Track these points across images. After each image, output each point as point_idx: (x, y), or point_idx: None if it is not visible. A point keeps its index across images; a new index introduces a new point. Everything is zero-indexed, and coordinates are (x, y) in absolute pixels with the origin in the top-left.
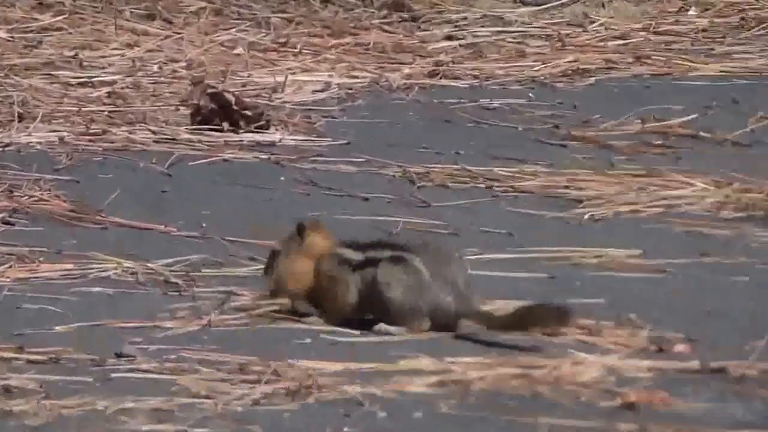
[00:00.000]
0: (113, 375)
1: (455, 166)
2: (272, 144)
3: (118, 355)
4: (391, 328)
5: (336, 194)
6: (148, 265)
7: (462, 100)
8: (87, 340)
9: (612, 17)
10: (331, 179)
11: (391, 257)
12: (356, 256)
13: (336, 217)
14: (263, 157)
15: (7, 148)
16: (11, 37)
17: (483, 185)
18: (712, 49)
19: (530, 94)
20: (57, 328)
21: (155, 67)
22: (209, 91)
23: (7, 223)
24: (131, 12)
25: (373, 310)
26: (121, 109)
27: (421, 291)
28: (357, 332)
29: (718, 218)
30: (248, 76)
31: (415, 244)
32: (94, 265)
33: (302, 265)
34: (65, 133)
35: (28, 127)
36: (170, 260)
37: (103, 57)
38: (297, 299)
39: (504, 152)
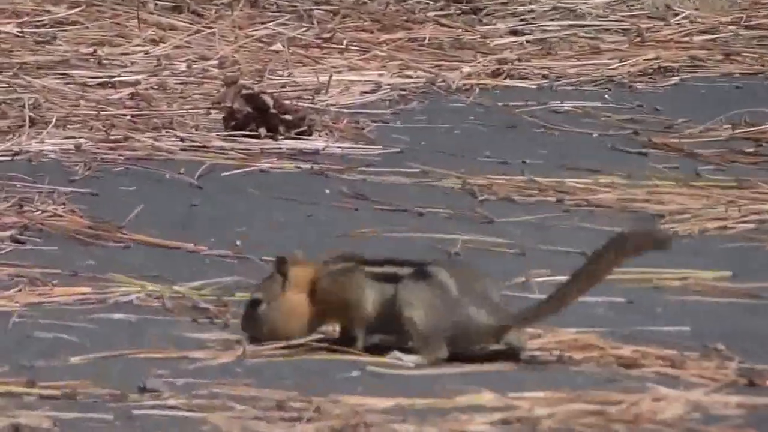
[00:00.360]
0: (136, 412)
1: (522, 178)
2: (315, 152)
3: (142, 390)
4: (405, 357)
5: (387, 209)
6: (176, 288)
7: (529, 103)
8: (106, 372)
9: (697, 9)
10: (382, 192)
11: (414, 272)
12: (375, 268)
13: (387, 234)
14: (305, 166)
15: (16, 157)
16: (21, 31)
17: (553, 198)
18: None
19: (606, 96)
20: (73, 359)
21: (183, 66)
22: (244, 92)
23: (17, 241)
24: (156, 4)
25: (391, 328)
26: (145, 112)
27: (446, 311)
28: (410, 364)
29: None
30: (288, 76)
31: (441, 259)
32: (115, 289)
33: (295, 300)
34: (82, 140)
35: (40, 133)
36: (200, 283)
37: (124, 54)
38: (298, 337)
39: (577, 162)
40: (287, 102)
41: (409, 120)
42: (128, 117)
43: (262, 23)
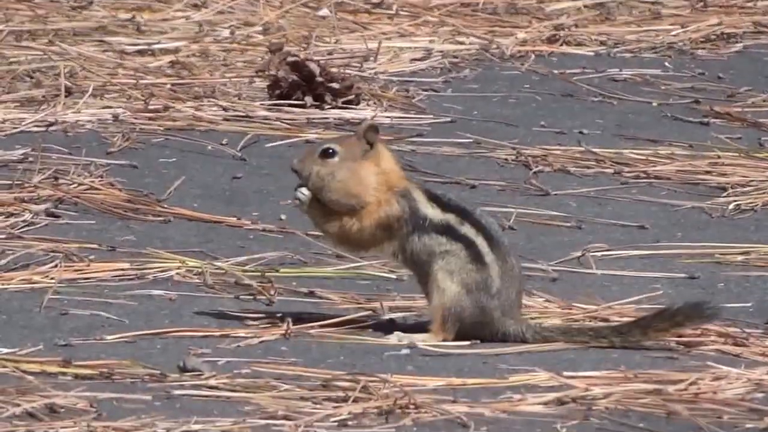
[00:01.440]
0: (176, 392)
1: (578, 148)
2: (363, 122)
3: (182, 370)
4: (409, 337)
5: (438, 180)
6: (217, 264)
7: (586, 71)
8: (145, 352)
9: None
10: (433, 163)
11: (466, 241)
12: (436, 215)
13: None
14: None
15: (51, 128)
16: None
17: (611, 170)
18: None
19: (666, 64)
20: (110, 337)
21: (226, 32)
22: (289, 60)
23: (52, 215)
24: None
25: (418, 281)
26: (186, 81)
27: (478, 303)
28: (465, 342)
29: None
30: (335, 43)
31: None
32: (154, 265)
33: (369, 172)
34: (120, 110)
35: (76, 103)
36: (243, 258)
37: (164, 20)
38: (344, 211)
39: (635, 132)
40: (334, 70)
41: (460, 88)
42: (168, 86)
43: None
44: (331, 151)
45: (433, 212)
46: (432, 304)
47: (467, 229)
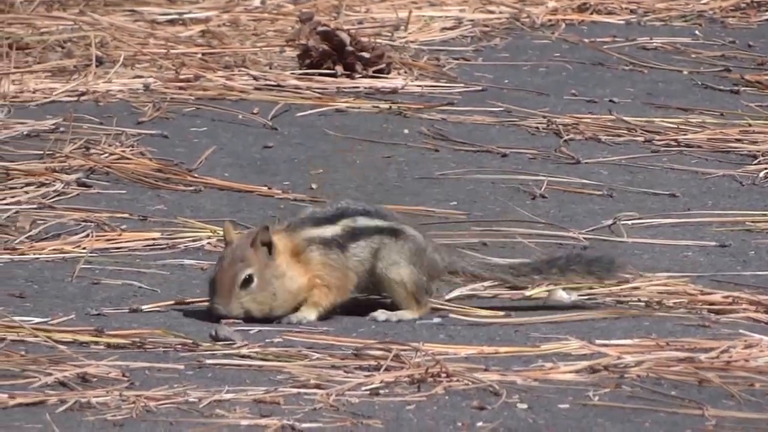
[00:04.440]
0: (208, 361)
1: (609, 116)
2: (394, 91)
3: (214, 339)
4: (393, 314)
5: (469, 149)
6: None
7: (617, 39)
8: (177, 321)
9: None
10: (464, 132)
11: (387, 230)
12: (331, 231)
13: (469, 176)
14: (383, 106)
15: (82, 98)
16: None
17: (641, 138)
18: None
19: (696, 32)
20: (142, 307)
21: (256, 2)
22: (320, 29)
23: (84, 185)
24: None
25: (376, 288)
26: (217, 50)
27: (423, 262)
28: (500, 312)
29: None
30: (366, 12)
31: (377, 209)
32: (185, 234)
33: (285, 265)
34: (151, 80)
35: (107, 73)
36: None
37: None
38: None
39: (666, 100)
40: (364, 39)
41: (491, 57)
42: (199, 55)
43: None
44: (248, 277)
45: (333, 229)
46: (397, 297)
47: (366, 221)
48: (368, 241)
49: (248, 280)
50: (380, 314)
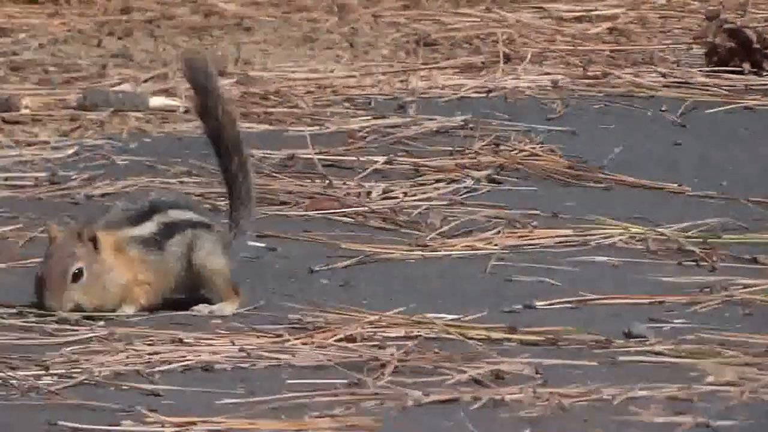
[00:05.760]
0: (621, 359)
1: None
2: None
3: (628, 336)
4: (215, 308)
5: None
6: (660, 230)
7: None
8: (590, 318)
9: None
10: None
11: (200, 223)
12: (148, 228)
13: None
14: None
15: (491, 94)
16: None
17: None
18: None
19: None
20: (554, 304)
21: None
22: (726, 27)
23: (494, 181)
24: None
25: (193, 286)
26: (625, 47)
27: (231, 252)
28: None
29: None
30: None
31: (186, 200)
32: (597, 231)
33: (113, 259)
34: (559, 77)
35: (515, 70)
36: (685, 224)
37: None
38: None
39: None
40: None
41: None
42: (607, 52)
43: None
44: (78, 271)
45: (149, 226)
46: (216, 287)
47: (178, 214)
48: (182, 236)
49: (78, 275)
50: (202, 308)
